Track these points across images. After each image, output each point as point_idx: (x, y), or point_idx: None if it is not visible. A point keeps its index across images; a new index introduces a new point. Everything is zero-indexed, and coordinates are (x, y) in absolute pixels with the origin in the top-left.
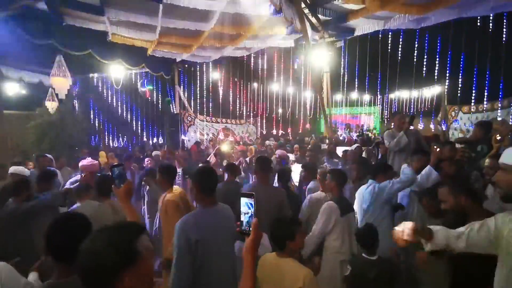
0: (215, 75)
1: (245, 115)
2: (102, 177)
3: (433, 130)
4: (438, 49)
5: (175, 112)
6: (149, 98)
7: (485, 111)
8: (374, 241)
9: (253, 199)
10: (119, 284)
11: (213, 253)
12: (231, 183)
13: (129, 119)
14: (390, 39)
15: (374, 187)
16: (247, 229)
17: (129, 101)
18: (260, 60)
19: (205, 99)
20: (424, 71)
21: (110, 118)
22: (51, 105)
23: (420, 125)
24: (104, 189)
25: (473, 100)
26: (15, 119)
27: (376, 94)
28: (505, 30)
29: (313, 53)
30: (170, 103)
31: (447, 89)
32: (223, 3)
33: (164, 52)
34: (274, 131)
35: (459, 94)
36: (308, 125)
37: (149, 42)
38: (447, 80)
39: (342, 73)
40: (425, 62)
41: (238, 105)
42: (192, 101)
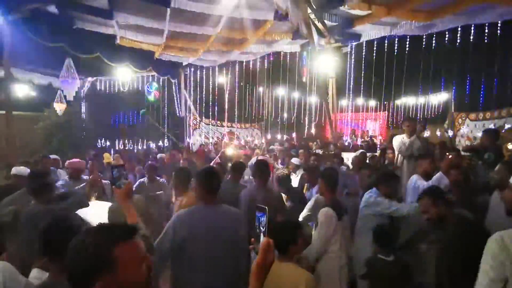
0: (220, 79)
1: (250, 119)
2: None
3: (439, 137)
4: (445, 55)
5: (180, 115)
6: (157, 100)
7: (493, 118)
8: (391, 241)
9: (265, 214)
10: None
11: (202, 251)
12: (227, 183)
13: (135, 122)
14: (396, 45)
15: (370, 196)
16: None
17: (135, 104)
18: (265, 64)
19: (210, 103)
20: (431, 77)
21: (115, 121)
22: (59, 106)
23: (427, 132)
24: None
25: (480, 108)
26: (24, 120)
27: (382, 100)
28: None
29: (319, 58)
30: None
31: (454, 96)
32: (230, 8)
33: (171, 56)
34: (279, 136)
35: (466, 101)
36: (313, 130)
37: (156, 46)
38: (454, 87)
39: (347, 78)
40: (431, 69)
41: (243, 109)
42: (198, 105)
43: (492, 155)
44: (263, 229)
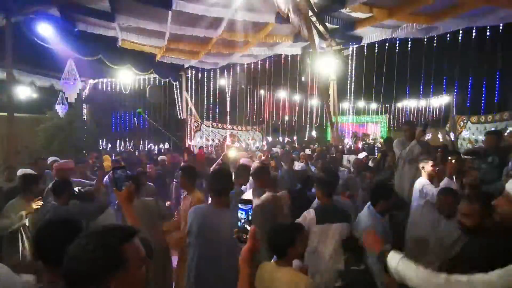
0: (222, 81)
1: (251, 121)
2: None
3: (441, 140)
4: (446, 58)
5: (182, 117)
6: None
7: (494, 121)
8: (362, 251)
9: (251, 206)
10: None
11: (207, 250)
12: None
13: (136, 124)
14: (397, 48)
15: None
16: (244, 236)
17: (137, 106)
18: (267, 67)
19: (211, 105)
20: (432, 80)
21: (117, 123)
22: (61, 108)
23: (428, 135)
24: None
25: (482, 111)
26: (25, 122)
27: (383, 103)
28: None
29: (320, 61)
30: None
31: (455, 99)
32: (231, 10)
33: (173, 58)
34: (280, 138)
35: (468, 104)
36: (314, 132)
37: (157, 48)
38: (456, 90)
39: (349, 81)
40: (433, 72)
41: (244, 111)
42: (199, 107)
43: (497, 158)
44: (250, 218)
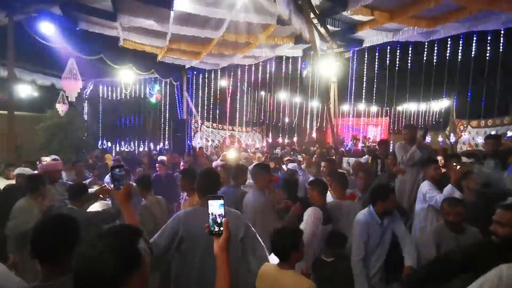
0: (222, 82)
1: (251, 123)
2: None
3: (441, 143)
4: (447, 62)
5: (182, 118)
6: (158, 102)
7: (495, 126)
8: (341, 244)
9: (222, 201)
10: None
11: (197, 252)
12: (229, 187)
13: (137, 124)
14: (398, 51)
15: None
16: (218, 229)
17: (137, 106)
18: (268, 68)
19: (212, 106)
20: (433, 84)
21: (117, 123)
22: (61, 107)
23: (428, 138)
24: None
25: (482, 115)
26: (26, 120)
27: (384, 106)
28: None
29: (321, 63)
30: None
31: (455, 102)
32: (233, 11)
33: (174, 59)
34: (280, 140)
35: (468, 108)
36: (314, 134)
37: (159, 48)
38: (456, 94)
39: (349, 83)
40: (433, 75)
41: (245, 113)
42: (200, 108)
43: (492, 162)
44: (223, 213)
